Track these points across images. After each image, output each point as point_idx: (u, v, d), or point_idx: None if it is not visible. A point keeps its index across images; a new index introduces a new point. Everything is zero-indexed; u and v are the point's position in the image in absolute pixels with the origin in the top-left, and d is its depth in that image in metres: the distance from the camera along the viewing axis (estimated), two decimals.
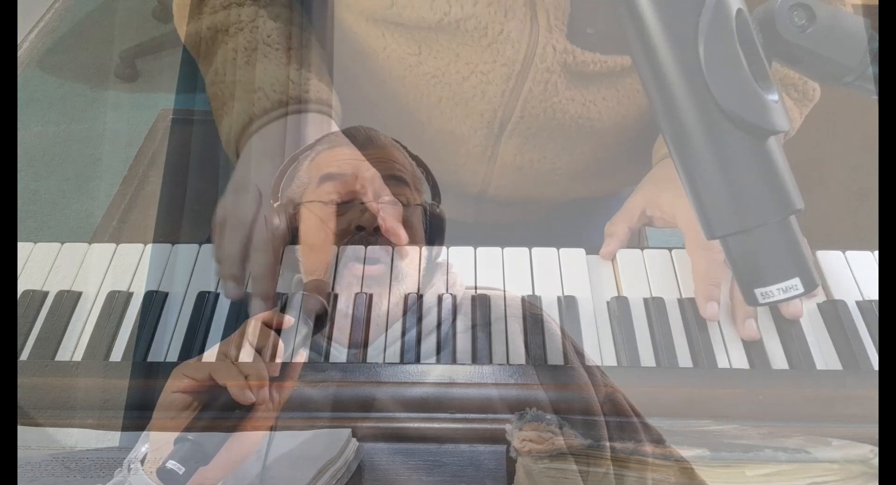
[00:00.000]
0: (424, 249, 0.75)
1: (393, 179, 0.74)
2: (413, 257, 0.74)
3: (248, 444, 0.57)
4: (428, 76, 0.84)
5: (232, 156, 0.81)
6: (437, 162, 0.79)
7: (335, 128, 0.81)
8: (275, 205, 0.74)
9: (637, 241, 1.09)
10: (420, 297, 0.73)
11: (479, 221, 0.99)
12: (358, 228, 0.72)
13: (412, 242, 0.73)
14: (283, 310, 0.64)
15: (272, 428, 0.60)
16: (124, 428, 0.63)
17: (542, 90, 0.82)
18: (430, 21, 0.79)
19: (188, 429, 0.54)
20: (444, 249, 0.78)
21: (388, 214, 0.71)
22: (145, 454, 0.56)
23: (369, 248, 0.72)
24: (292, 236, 0.73)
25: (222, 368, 0.56)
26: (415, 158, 0.78)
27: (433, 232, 0.76)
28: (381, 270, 0.72)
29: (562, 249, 0.81)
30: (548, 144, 0.88)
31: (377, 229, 0.71)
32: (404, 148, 0.78)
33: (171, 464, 0.51)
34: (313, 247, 0.72)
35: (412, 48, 0.83)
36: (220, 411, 0.55)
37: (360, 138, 0.77)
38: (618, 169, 0.95)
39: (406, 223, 0.72)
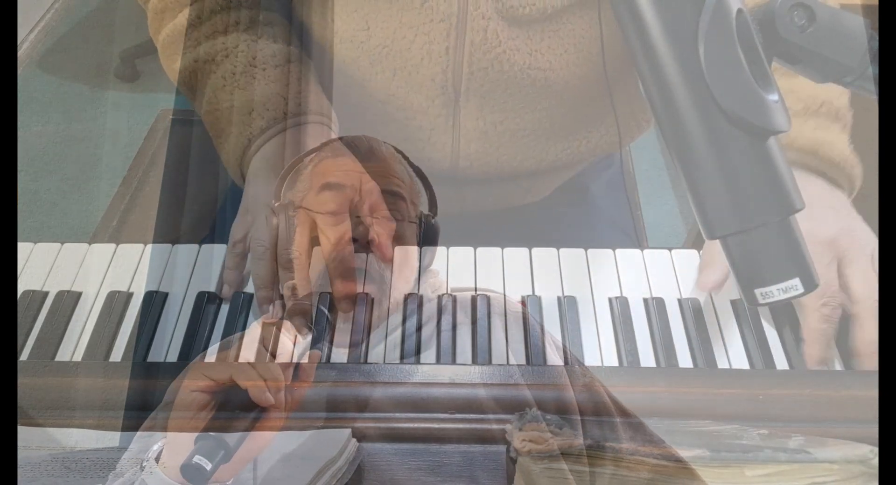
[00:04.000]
0: (417, 260, 0.76)
1: (391, 194, 0.75)
2: (407, 271, 0.74)
3: (261, 443, 0.58)
4: (379, 48, 0.85)
5: (237, 179, 0.82)
6: (402, 141, 0.80)
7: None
8: (276, 205, 0.74)
9: (637, 241, 1.10)
10: (418, 300, 0.73)
11: (463, 210, 0.98)
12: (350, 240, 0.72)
13: (407, 257, 0.74)
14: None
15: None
16: (124, 428, 0.63)
17: (482, 39, 0.83)
18: None
19: (206, 429, 0.55)
20: (435, 257, 0.78)
21: (381, 232, 0.72)
22: (159, 452, 0.57)
23: (363, 262, 0.72)
24: (291, 237, 0.73)
25: (243, 369, 0.57)
26: (416, 169, 0.78)
27: (426, 243, 0.77)
28: (374, 281, 0.72)
29: (562, 249, 0.81)
30: (506, 103, 0.88)
31: (370, 242, 0.71)
32: (406, 158, 0.78)
33: (199, 459, 0.52)
34: (306, 253, 0.72)
35: (360, 24, 0.84)
36: (236, 411, 0.56)
37: (362, 149, 0.77)
38: (585, 130, 0.95)
39: (400, 238, 0.73)
